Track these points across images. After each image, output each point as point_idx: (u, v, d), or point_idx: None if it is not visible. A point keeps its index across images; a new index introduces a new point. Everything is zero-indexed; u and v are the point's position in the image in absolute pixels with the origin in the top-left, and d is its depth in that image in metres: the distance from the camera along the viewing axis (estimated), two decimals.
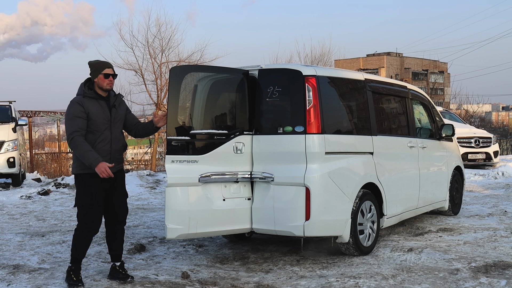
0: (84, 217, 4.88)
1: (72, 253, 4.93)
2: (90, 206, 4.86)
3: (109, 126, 4.95)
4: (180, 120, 5.51)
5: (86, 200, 4.87)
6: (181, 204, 5.31)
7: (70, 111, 4.84)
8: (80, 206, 4.90)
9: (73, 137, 4.77)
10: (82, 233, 4.90)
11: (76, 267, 4.92)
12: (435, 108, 8.15)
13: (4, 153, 12.65)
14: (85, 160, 4.75)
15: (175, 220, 5.28)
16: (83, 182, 4.88)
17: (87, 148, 4.76)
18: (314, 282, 5.06)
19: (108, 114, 4.96)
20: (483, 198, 10.30)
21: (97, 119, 4.87)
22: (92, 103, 4.88)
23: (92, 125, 4.85)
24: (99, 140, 4.88)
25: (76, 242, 4.91)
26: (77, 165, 4.88)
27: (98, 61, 5.03)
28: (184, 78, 5.58)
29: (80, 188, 4.93)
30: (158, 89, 23.80)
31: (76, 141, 4.77)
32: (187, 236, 5.42)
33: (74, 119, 4.79)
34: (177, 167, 5.29)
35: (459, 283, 4.89)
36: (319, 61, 29.83)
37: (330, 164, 5.57)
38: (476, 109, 37.80)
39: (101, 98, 4.96)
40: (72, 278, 4.87)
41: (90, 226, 4.88)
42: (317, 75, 5.60)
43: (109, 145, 4.93)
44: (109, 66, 4.99)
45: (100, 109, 4.90)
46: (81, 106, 4.82)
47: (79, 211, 4.92)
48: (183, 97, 5.59)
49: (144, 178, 13.96)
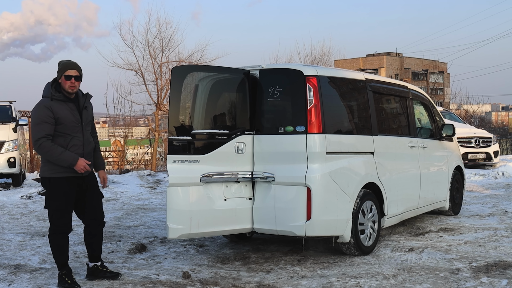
0: (58, 221, 4.80)
1: (56, 258, 4.87)
2: (64, 210, 4.80)
3: (80, 129, 4.81)
4: (181, 120, 5.54)
5: (60, 204, 4.78)
6: (182, 204, 5.31)
7: (37, 115, 4.66)
8: (54, 210, 4.80)
9: (41, 143, 4.63)
10: (58, 235, 4.84)
11: (67, 270, 4.86)
12: (435, 108, 8.15)
13: (4, 153, 12.63)
14: (62, 162, 4.66)
15: (177, 220, 5.29)
16: (56, 186, 4.76)
17: (60, 150, 4.65)
18: (315, 282, 5.06)
19: (78, 116, 4.81)
20: (484, 198, 10.31)
21: (68, 123, 4.71)
22: (60, 106, 4.71)
23: (63, 129, 4.71)
24: (71, 144, 4.75)
25: (54, 246, 4.85)
26: (49, 169, 4.75)
27: (63, 62, 4.82)
28: (186, 78, 5.58)
29: (52, 191, 4.79)
30: (158, 89, 23.77)
31: (46, 146, 4.64)
32: (189, 236, 5.43)
33: (41, 125, 4.64)
34: (178, 167, 5.31)
35: (460, 283, 4.89)
36: (319, 61, 29.82)
37: (331, 164, 5.57)
38: (476, 109, 37.79)
39: (70, 100, 4.78)
40: (67, 281, 4.79)
41: (64, 229, 4.84)
42: (318, 75, 5.60)
43: (81, 148, 4.82)
44: (72, 67, 4.75)
45: (69, 112, 4.74)
46: (50, 110, 4.65)
47: (52, 215, 4.82)
48: (184, 97, 5.60)
49: (145, 178, 13.96)
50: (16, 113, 13.86)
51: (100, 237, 5.10)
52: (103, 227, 5.14)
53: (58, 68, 4.77)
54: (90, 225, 5.02)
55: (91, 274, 5.08)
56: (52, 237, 4.87)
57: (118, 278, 5.04)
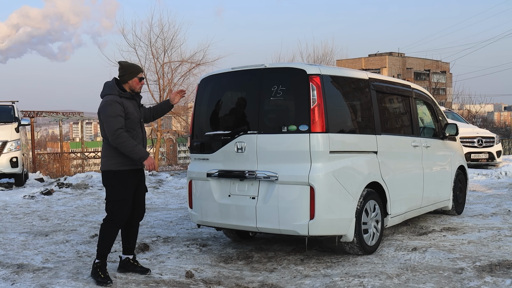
0: (118, 211, 5.06)
1: (100, 248, 5.05)
2: (125, 201, 5.07)
3: (140, 125, 5.22)
4: (198, 124, 6.35)
5: (122, 195, 5.06)
6: (196, 194, 6.21)
7: (112, 109, 4.97)
8: (115, 201, 5.07)
9: (120, 133, 4.93)
10: (112, 226, 5.07)
11: (103, 263, 5.03)
12: (438, 107, 8.13)
13: (7, 153, 12.65)
14: (135, 154, 4.97)
15: (194, 207, 6.25)
16: (120, 178, 5.05)
17: (134, 143, 4.99)
18: (319, 281, 5.05)
19: (140, 113, 5.23)
20: (487, 197, 10.28)
21: (133, 118, 5.10)
22: (128, 103, 5.08)
23: (129, 124, 5.06)
24: (134, 138, 5.10)
25: (106, 235, 5.05)
26: (117, 162, 5.04)
27: (132, 64, 5.27)
28: (208, 85, 6.24)
29: (117, 183, 5.07)
30: (161, 89, 23.81)
31: (123, 137, 4.93)
32: (203, 223, 6.21)
33: (117, 117, 4.96)
34: (195, 164, 6.29)
35: (463, 282, 4.87)
36: (321, 61, 29.83)
37: (335, 163, 5.56)
38: (479, 109, 37.75)
39: (133, 98, 5.19)
40: (100, 275, 4.95)
41: (121, 219, 5.10)
42: (321, 74, 5.59)
43: (142, 142, 5.22)
44: (142, 70, 5.31)
45: (134, 109, 5.13)
46: (121, 105, 5.00)
47: (112, 205, 5.08)
48: (204, 102, 6.35)
49: (147, 178, 13.97)
50: (18, 113, 13.87)
51: (137, 230, 5.38)
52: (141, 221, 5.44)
53: (129, 71, 5.15)
54: (131, 216, 5.24)
55: (122, 267, 5.32)
56: (106, 225, 5.08)
57: (147, 274, 5.25)
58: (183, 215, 8.83)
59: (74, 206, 10.07)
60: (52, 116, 40.67)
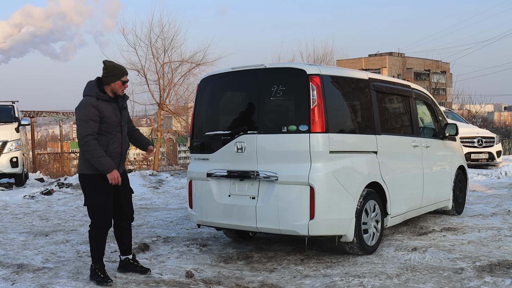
0: (100, 216, 4.98)
1: (93, 253, 5.02)
2: (105, 205, 4.98)
3: (120, 128, 5.04)
4: (198, 124, 6.34)
5: (100, 200, 4.95)
6: (196, 194, 6.20)
7: (84, 112, 4.82)
8: (95, 206, 4.97)
9: (87, 141, 4.79)
10: (99, 230, 5.01)
11: (100, 265, 5.01)
12: (438, 107, 8.13)
13: (7, 153, 12.66)
14: (99, 165, 4.82)
15: (194, 207, 6.24)
16: (96, 182, 4.93)
17: (101, 153, 4.83)
18: (319, 281, 5.05)
19: (119, 116, 5.03)
20: (487, 197, 10.28)
21: (111, 122, 4.92)
22: (105, 106, 4.90)
23: (106, 127, 4.90)
24: (111, 142, 4.96)
25: (95, 240, 5.01)
26: (88, 166, 4.91)
27: (117, 66, 5.03)
28: (208, 85, 6.24)
29: (91, 188, 4.96)
30: (161, 89, 23.80)
31: (91, 145, 4.79)
32: (203, 223, 6.21)
33: (89, 122, 4.80)
34: (195, 164, 6.29)
35: (463, 282, 4.87)
36: (321, 61, 29.81)
37: (334, 163, 5.56)
38: (479, 109, 37.71)
39: (112, 100, 4.99)
40: (100, 275, 4.94)
41: (106, 223, 5.02)
42: (321, 74, 5.59)
43: (120, 147, 5.05)
44: (127, 73, 5.06)
45: (112, 112, 4.94)
46: (96, 109, 4.83)
47: (93, 211, 4.99)
48: (204, 102, 6.34)
49: (147, 178, 13.98)
50: (18, 113, 13.88)
51: (129, 232, 5.31)
52: (132, 222, 5.35)
53: (113, 73, 4.93)
54: (120, 219, 5.22)
55: (122, 267, 5.31)
56: (93, 232, 5.03)
57: (147, 274, 5.23)
58: (183, 215, 8.83)
59: (74, 206, 10.07)
60: (53, 116, 40.64)
